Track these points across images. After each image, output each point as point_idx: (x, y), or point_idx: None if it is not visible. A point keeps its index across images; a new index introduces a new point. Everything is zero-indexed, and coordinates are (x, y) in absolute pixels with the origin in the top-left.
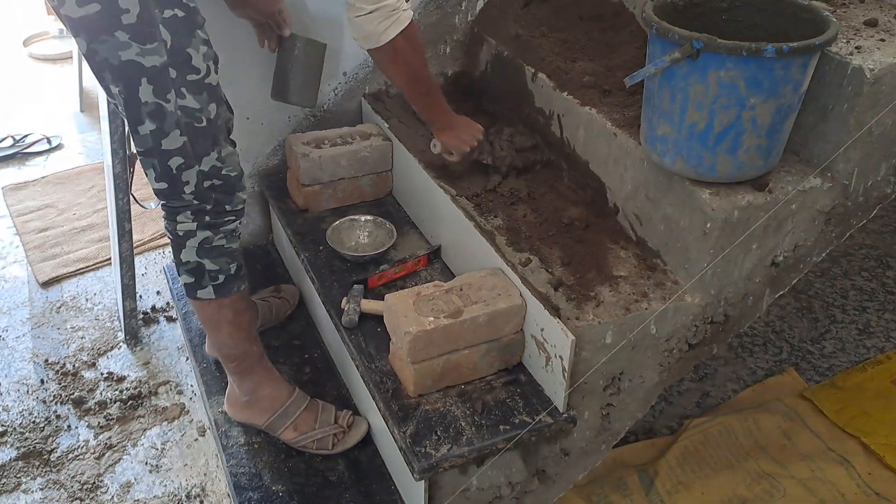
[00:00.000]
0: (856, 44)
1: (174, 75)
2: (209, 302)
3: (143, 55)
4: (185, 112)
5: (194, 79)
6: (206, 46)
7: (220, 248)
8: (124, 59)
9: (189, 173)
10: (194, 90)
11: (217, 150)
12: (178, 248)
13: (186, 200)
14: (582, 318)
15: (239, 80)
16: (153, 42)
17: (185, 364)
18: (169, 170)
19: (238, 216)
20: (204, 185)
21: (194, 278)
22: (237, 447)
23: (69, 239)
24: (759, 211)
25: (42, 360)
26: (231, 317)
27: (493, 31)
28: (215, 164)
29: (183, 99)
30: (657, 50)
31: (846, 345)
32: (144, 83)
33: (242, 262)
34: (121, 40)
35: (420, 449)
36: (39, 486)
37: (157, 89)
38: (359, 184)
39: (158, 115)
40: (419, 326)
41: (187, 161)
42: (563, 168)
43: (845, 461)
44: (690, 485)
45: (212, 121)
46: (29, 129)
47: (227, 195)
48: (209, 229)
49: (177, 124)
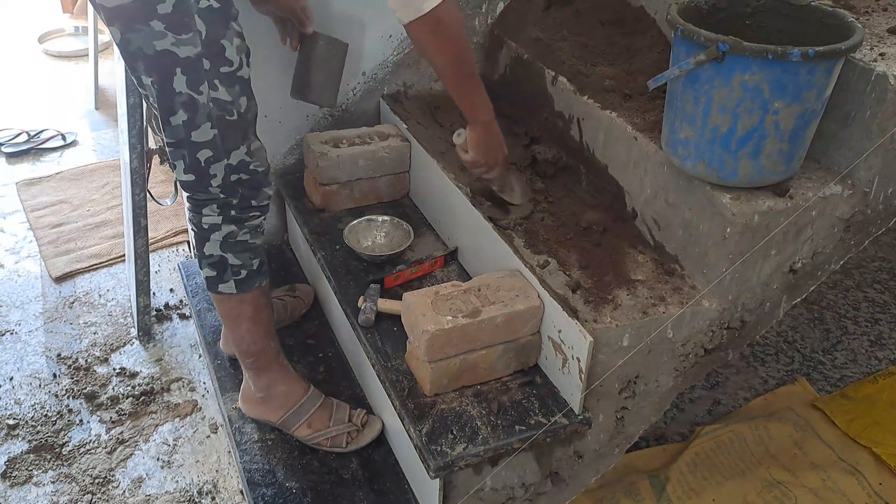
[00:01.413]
0: (879, 51)
1: (208, 66)
2: (230, 296)
3: (177, 45)
4: (216, 104)
5: (227, 71)
6: (240, 39)
7: (244, 244)
8: (159, 49)
9: (217, 166)
10: (227, 82)
11: (246, 143)
12: (201, 240)
13: (213, 194)
14: (599, 321)
15: (257, 78)
16: (188, 32)
17: (197, 361)
18: (197, 162)
19: (263, 212)
20: (231, 178)
21: (216, 272)
22: (251, 444)
23: (83, 235)
24: (779, 217)
25: (55, 354)
26: (251, 312)
27: (513, 34)
28: (244, 158)
29: (216, 91)
30: (682, 52)
31: (858, 356)
32: (178, 73)
33: (265, 258)
34: (156, 30)
35: (436, 447)
36: (51, 480)
37: (191, 80)
38: (376, 184)
39: (191, 107)
40: (437, 325)
41: (216, 154)
42: (582, 172)
43: (856, 471)
44: (701, 491)
45: (242, 114)
46: (44, 126)
47: (254, 190)
48: (234, 224)
49: (208, 117)
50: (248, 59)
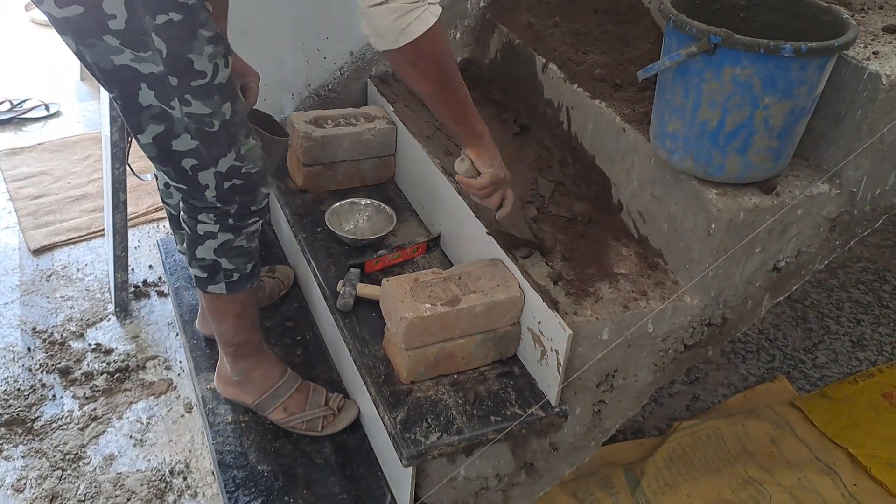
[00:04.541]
0: (873, 49)
1: (175, 83)
2: (219, 296)
3: (138, 62)
4: (193, 119)
5: (201, 83)
6: (213, 45)
7: (240, 249)
8: (118, 64)
9: (206, 175)
10: (202, 95)
11: (234, 149)
12: (193, 244)
13: (209, 202)
14: (580, 314)
15: (241, 54)
16: (147, 51)
17: (174, 340)
18: (184, 171)
19: (262, 215)
20: (224, 186)
21: (207, 274)
22: (224, 425)
23: (63, 207)
24: (764, 214)
25: (30, 328)
26: (238, 310)
27: (505, 19)
28: (233, 164)
29: (189, 106)
30: (673, 43)
31: (839, 356)
32: (144, 87)
33: (258, 259)
34: (111, 45)
35: (410, 436)
36: (21, 454)
37: (160, 94)
38: (360, 167)
39: (165, 118)
40: (415, 313)
41: (202, 163)
42: (569, 162)
43: (832, 471)
44: (676, 486)
45: (227, 121)
46: (27, 95)
47: (250, 195)
48: (231, 232)
49: (186, 129)
50: (226, 58)
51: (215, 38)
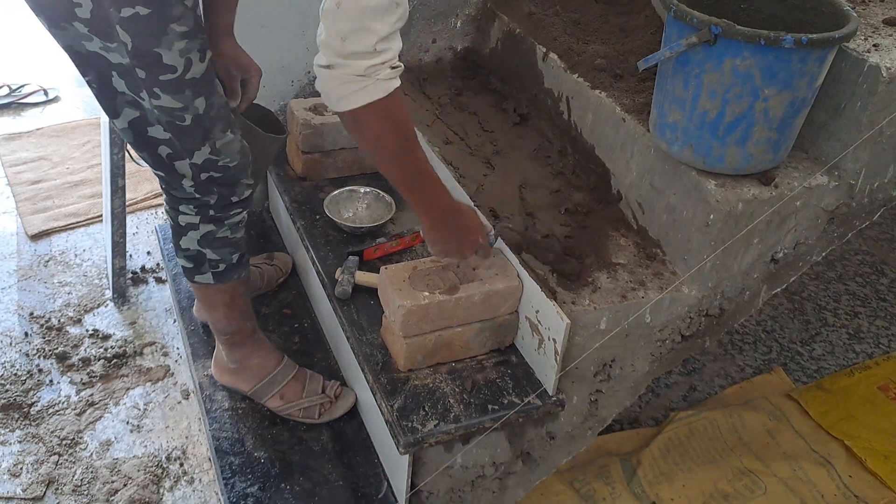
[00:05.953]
0: (874, 41)
1: (143, 76)
2: (207, 286)
3: (106, 51)
4: (163, 111)
5: (170, 78)
6: (186, 39)
7: (224, 239)
8: (90, 51)
9: (182, 164)
10: (172, 90)
11: (209, 142)
12: (177, 234)
13: (188, 193)
14: (578, 303)
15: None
16: (113, 42)
17: (171, 326)
18: (161, 158)
19: (245, 206)
20: (202, 177)
21: (193, 264)
22: (221, 411)
23: (61, 193)
24: (763, 205)
25: (27, 313)
26: (228, 300)
27: (506, 8)
28: (209, 157)
29: (157, 99)
30: (674, 33)
31: (836, 348)
32: (116, 76)
33: (245, 249)
34: (81, 31)
35: (407, 423)
36: (18, 439)
37: (129, 85)
38: (360, 155)
39: (138, 106)
40: (413, 301)
41: (176, 153)
42: (569, 152)
43: (827, 463)
44: (672, 476)
45: (201, 115)
46: (26, 80)
47: (230, 186)
48: (213, 223)
49: (158, 121)
50: (203, 54)
51: (191, 32)
